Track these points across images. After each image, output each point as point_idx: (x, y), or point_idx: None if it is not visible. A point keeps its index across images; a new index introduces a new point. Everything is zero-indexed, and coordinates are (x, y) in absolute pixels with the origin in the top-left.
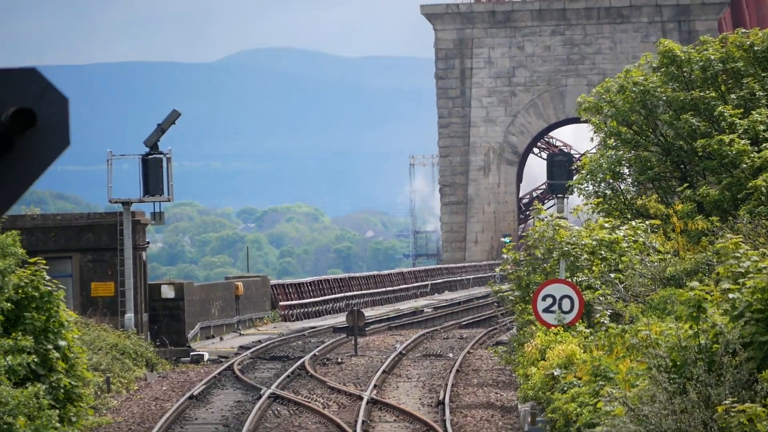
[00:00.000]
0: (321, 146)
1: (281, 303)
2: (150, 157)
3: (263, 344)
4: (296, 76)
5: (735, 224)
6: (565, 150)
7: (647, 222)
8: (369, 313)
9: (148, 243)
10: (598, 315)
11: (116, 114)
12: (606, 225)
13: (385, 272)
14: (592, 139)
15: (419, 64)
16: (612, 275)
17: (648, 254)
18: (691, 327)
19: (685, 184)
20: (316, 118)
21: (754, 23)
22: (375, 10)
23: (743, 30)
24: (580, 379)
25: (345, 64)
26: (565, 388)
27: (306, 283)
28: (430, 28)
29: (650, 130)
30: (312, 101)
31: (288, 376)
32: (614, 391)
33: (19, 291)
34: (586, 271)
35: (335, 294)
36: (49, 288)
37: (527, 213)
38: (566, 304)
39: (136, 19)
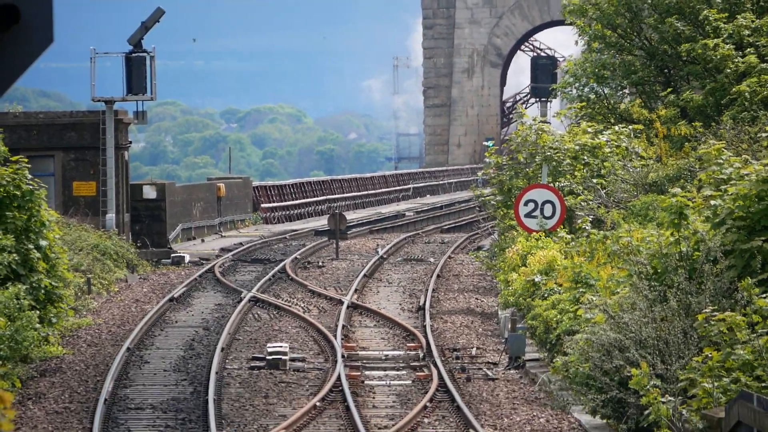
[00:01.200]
0: (305, 45)
1: (263, 205)
2: (133, 55)
3: (244, 247)
4: None
5: (718, 130)
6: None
7: (630, 127)
8: (351, 216)
9: (131, 142)
10: (579, 221)
11: (100, 11)
12: (589, 129)
13: (368, 175)
14: (576, 42)
15: None
16: (594, 180)
17: (631, 160)
18: (672, 234)
19: (669, 89)
20: (300, 16)
21: None
22: None
23: None
24: (560, 285)
25: None
26: (546, 295)
27: (288, 185)
28: None
29: (635, 34)
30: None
31: (269, 280)
32: (595, 299)
33: (1, 189)
34: (568, 176)
35: (317, 197)
36: (31, 187)
37: (510, 116)
38: (548, 210)
39: None
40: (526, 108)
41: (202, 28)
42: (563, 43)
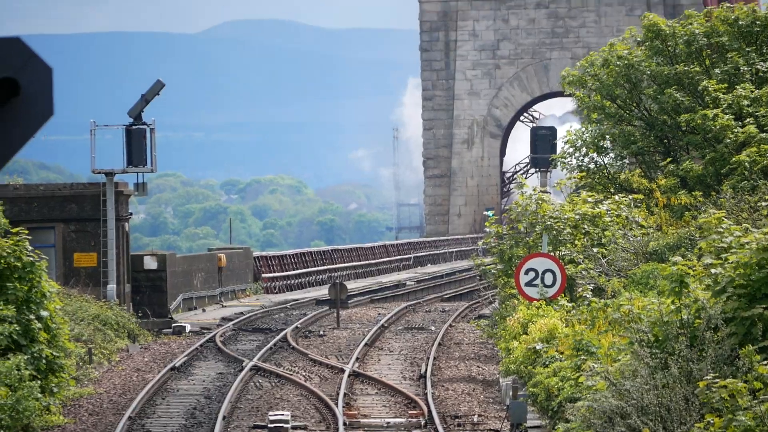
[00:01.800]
0: (305, 117)
1: (264, 275)
2: (134, 127)
3: (245, 316)
4: (280, 48)
5: (718, 199)
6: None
7: (630, 196)
8: (351, 285)
9: (131, 214)
10: (580, 289)
11: (100, 84)
12: (589, 199)
13: (368, 245)
14: (575, 113)
15: (403, 36)
16: (595, 249)
17: (631, 229)
18: (673, 302)
19: (669, 159)
20: (299, 89)
21: None
22: None
23: (728, 4)
24: (562, 353)
25: (329, 36)
26: (547, 362)
27: (289, 255)
28: (415, 1)
29: (634, 105)
30: (296, 72)
31: (270, 348)
32: (596, 366)
33: (2, 261)
34: (568, 245)
35: (318, 266)
36: (32, 258)
37: (510, 186)
38: (549, 278)
39: None
40: (526, 178)
41: (202, 101)
42: (563, 105)
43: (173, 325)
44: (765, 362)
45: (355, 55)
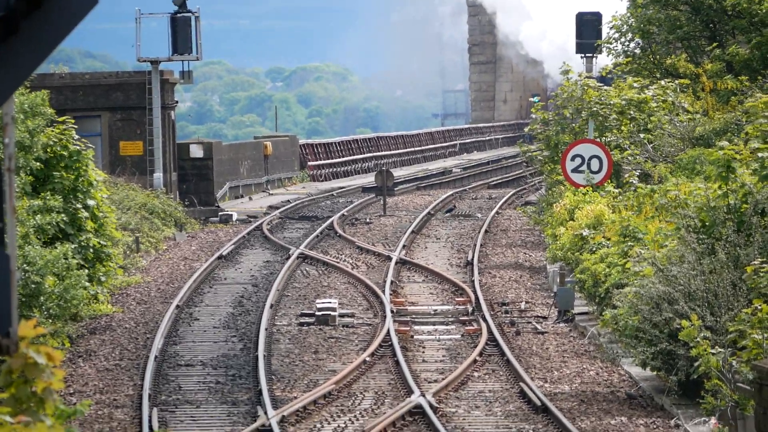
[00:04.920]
0: (352, 4)
1: (310, 163)
2: (179, 15)
3: (292, 204)
4: None
5: (764, 83)
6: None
7: (676, 81)
8: (398, 173)
9: (177, 102)
10: (626, 175)
11: None
12: (635, 84)
13: (414, 132)
14: None
15: None
16: (641, 135)
17: (677, 114)
18: (720, 187)
19: (715, 44)
20: None
21: None
22: None
23: None
24: (608, 239)
25: None
26: (594, 249)
27: (335, 143)
28: None
29: None
30: None
31: (317, 236)
32: (643, 252)
33: (48, 150)
34: (614, 131)
35: (364, 154)
36: (78, 147)
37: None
38: (595, 164)
39: None
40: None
41: None
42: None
43: (220, 213)
44: None
45: None
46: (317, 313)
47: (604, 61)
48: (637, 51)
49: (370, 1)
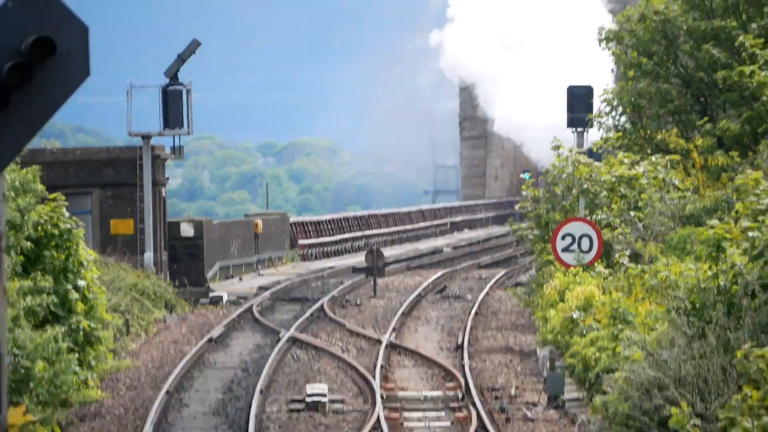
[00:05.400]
0: (342, 77)
1: (300, 241)
2: (170, 88)
3: (282, 285)
4: (319, 4)
5: (755, 159)
6: None
7: (667, 157)
8: (388, 252)
9: (168, 178)
10: (617, 255)
11: (135, 43)
12: (626, 160)
13: (405, 210)
14: (612, 70)
15: None
16: (632, 213)
17: (668, 191)
18: (710, 267)
19: (705, 118)
20: (340, 48)
21: None
22: None
23: None
24: (599, 322)
25: None
26: (584, 332)
27: (325, 221)
28: None
29: (671, 61)
30: (338, 31)
31: (307, 318)
32: (633, 335)
33: (39, 229)
34: (605, 209)
35: (354, 232)
36: (69, 226)
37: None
38: (585, 243)
39: None
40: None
41: (239, 61)
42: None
43: (210, 294)
44: None
45: (402, 13)
46: (307, 399)
47: (595, 135)
48: (628, 125)
49: (360, 74)
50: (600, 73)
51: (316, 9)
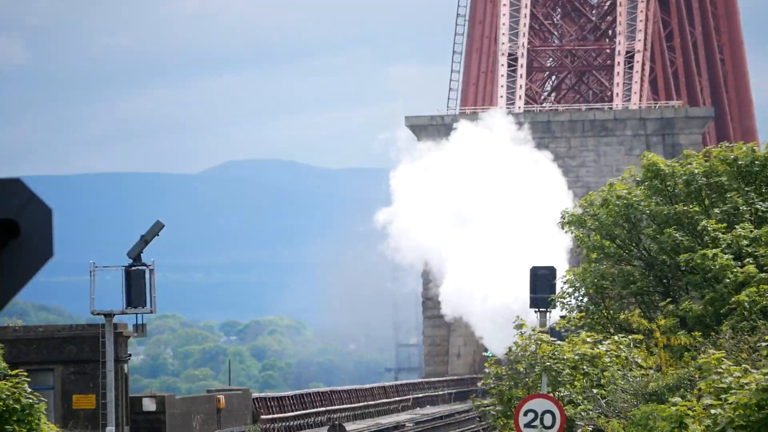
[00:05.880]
0: (305, 257)
1: (263, 416)
2: (133, 269)
3: None
4: (280, 188)
5: (717, 339)
6: None
7: (630, 337)
8: (351, 427)
9: (130, 355)
10: (580, 431)
11: (99, 224)
12: (588, 339)
13: (367, 386)
14: (575, 252)
15: None
16: (594, 390)
17: (630, 369)
18: None
19: (668, 299)
20: (300, 229)
21: (739, 137)
22: (359, 122)
23: (727, 144)
24: None
25: (329, 176)
26: None
27: (288, 396)
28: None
29: (633, 244)
30: (296, 212)
31: None
32: None
33: (1, 404)
34: (568, 386)
35: (317, 408)
36: (31, 400)
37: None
38: (548, 420)
39: (118, 131)
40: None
41: (202, 242)
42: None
43: None
44: None
45: (357, 194)
46: None
47: (557, 315)
48: (591, 306)
49: (324, 256)
50: (554, 253)
51: (273, 191)
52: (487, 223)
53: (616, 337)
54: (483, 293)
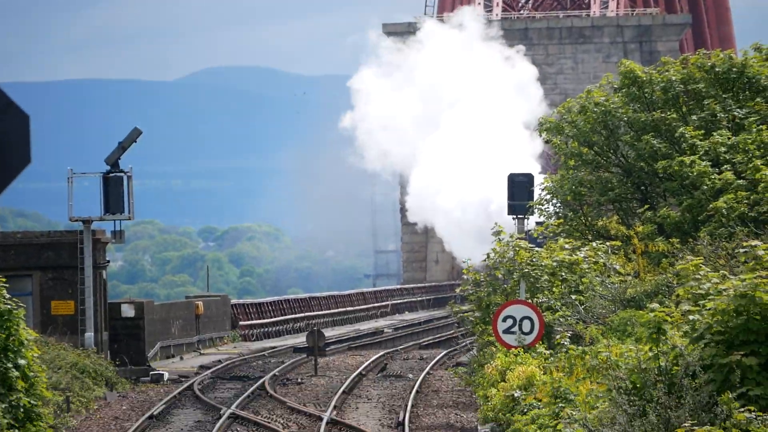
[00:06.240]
0: (283, 164)
1: (241, 323)
2: (111, 175)
3: (223, 364)
4: (257, 95)
5: (695, 246)
6: None
7: (608, 243)
8: (329, 333)
9: (109, 261)
10: (558, 336)
11: (77, 131)
12: (566, 246)
13: (346, 292)
14: (553, 159)
15: None
16: (573, 297)
17: (608, 276)
18: (651, 349)
19: (646, 206)
20: (277, 135)
21: (716, 44)
22: (336, 29)
23: (704, 51)
24: (540, 400)
25: (306, 82)
26: (526, 410)
27: (266, 302)
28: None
29: (611, 151)
30: (274, 119)
31: (248, 396)
32: (574, 413)
33: None
34: (546, 293)
35: (295, 314)
36: (9, 306)
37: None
38: (526, 326)
39: (96, 37)
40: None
41: (180, 149)
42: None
43: (151, 373)
44: (743, 409)
45: (334, 101)
46: None
47: (534, 222)
48: (569, 213)
49: (302, 163)
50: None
51: (250, 98)
52: (455, 126)
53: (594, 244)
54: (447, 203)
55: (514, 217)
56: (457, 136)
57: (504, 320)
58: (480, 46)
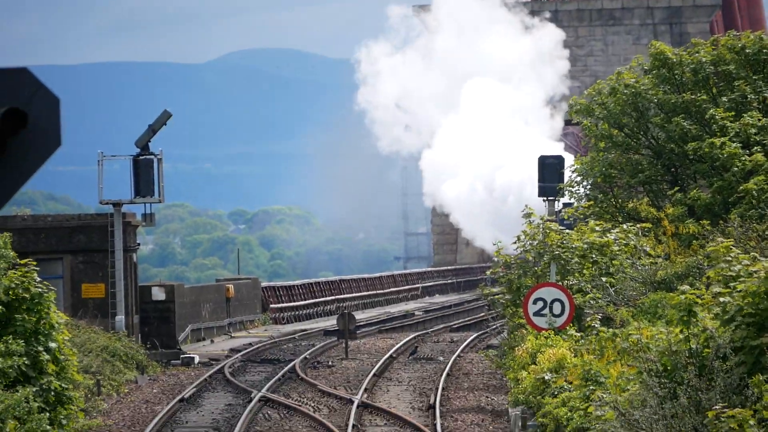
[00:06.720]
0: (315, 148)
1: (272, 305)
2: (141, 158)
3: (254, 347)
4: (290, 78)
5: (726, 228)
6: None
7: (638, 225)
8: (360, 316)
9: (139, 244)
10: (588, 319)
11: (107, 114)
12: (597, 228)
13: (376, 275)
14: (583, 141)
15: None
16: (603, 279)
17: (639, 258)
18: (681, 331)
19: (676, 188)
20: (311, 119)
21: (746, 26)
22: (367, 11)
23: (735, 32)
24: (570, 383)
25: (340, 66)
26: (556, 393)
27: (297, 285)
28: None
29: (641, 133)
30: (307, 103)
31: (279, 380)
32: (605, 396)
33: (10, 293)
34: (576, 275)
35: (326, 297)
36: (40, 290)
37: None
38: (557, 308)
39: (126, 20)
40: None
41: (211, 132)
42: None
43: (182, 356)
44: None
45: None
46: None
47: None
48: (599, 195)
49: (332, 147)
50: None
51: (288, 82)
52: (473, 107)
53: (624, 226)
54: (457, 190)
55: (545, 199)
56: (474, 118)
57: (534, 303)
58: (502, 13)
